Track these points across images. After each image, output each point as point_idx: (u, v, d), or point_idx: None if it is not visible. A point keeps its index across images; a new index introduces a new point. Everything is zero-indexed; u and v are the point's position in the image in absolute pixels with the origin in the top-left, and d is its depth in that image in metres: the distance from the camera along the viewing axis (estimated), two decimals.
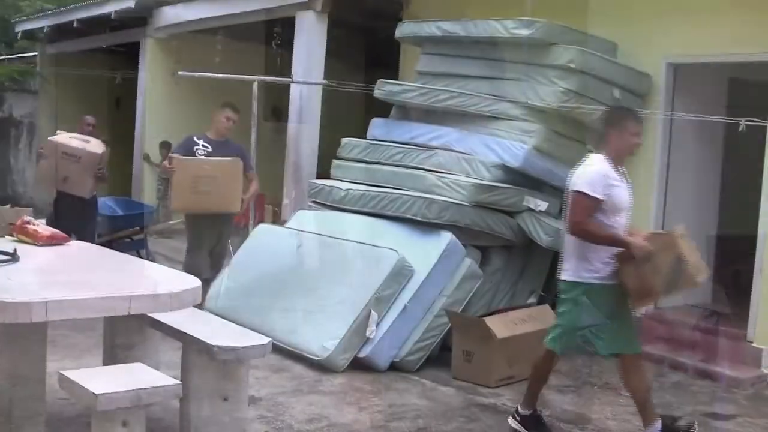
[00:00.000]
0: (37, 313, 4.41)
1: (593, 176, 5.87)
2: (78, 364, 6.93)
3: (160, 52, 16.33)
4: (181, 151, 8.73)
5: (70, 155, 9.56)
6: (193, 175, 8.47)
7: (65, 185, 9.68)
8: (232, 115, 8.95)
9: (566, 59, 8.65)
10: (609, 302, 5.92)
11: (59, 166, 9.58)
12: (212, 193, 8.48)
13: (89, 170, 9.67)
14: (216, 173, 8.54)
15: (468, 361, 7.53)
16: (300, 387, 7.13)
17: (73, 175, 9.62)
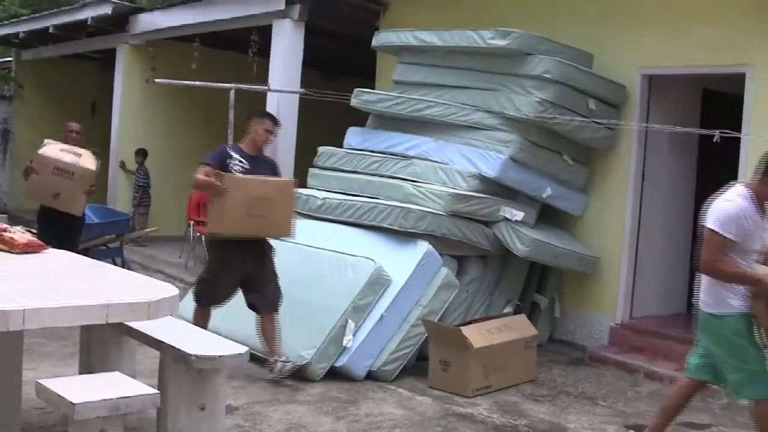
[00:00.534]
0: (14, 321, 4.37)
1: (728, 214, 5.41)
2: (54, 372, 6.91)
3: (136, 59, 16.28)
4: (215, 164, 7.57)
5: (62, 171, 9.17)
6: (249, 197, 7.38)
7: (56, 202, 9.28)
8: (272, 128, 7.87)
9: (542, 69, 8.70)
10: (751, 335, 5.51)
11: (51, 182, 9.16)
12: (267, 216, 7.49)
13: (82, 187, 9.30)
14: (274, 195, 7.57)
15: (445, 370, 7.54)
16: (277, 396, 7.12)
17: (65, 192, 9.22)
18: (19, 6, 32.53)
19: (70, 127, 10.05)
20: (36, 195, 9.55)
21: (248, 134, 7.84)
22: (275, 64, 12.12)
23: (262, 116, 8.02)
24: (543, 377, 8.14)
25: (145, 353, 6.41)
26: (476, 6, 10.63)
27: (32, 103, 20.43)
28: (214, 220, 7.62)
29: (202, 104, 16.03)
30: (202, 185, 7.60)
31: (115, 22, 15.85)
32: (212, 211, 7.65)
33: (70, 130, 9.98)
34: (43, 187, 9.25)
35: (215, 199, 7.47)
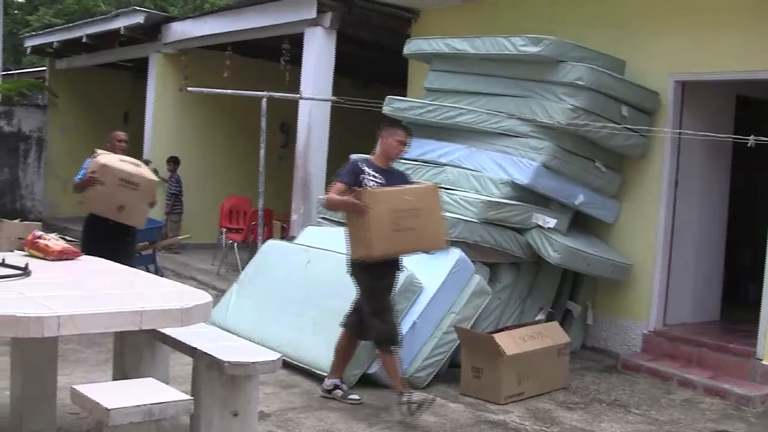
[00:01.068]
0: (49, 327, 4.41)
1: None
2: (88, 378, 6.97)
3: (168, 68, 16.37)
4: (348, 181, 6.94)
5: (127, 182, 8.80)
6: (392, 210, 6.73)
7: (120, 215, 8.90)
8: (405, 138, 7.21)
9: (574, 76, 8.67)
10: None
11: (116, 194, 8.77)
12: (418, 228, 6.82)
13: (146, 198, 9.02)
14: (419, 204, 6.88)
15: (477, 377, 7.53)
16: (310, 403, 7.13)
17: (129, 204, 8.86)
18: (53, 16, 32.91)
19: (117, 136, 9.60)
20: (98, 207, 8.98)
21: (378, 147, 7.25)
22: (307, 72, 12.15)
23: (393, 127, 7.35)
24: (576, 384, 8.11)
25: (179, 360, 6.43)
26: (508, 13, 10.61)
27: (65, 112, 20.59)
28: (359, 243, 6.81)
29: (234, 112, 16.13)
30: (338, 204, 6.97)
31: (147, 31, 15.97)
32: (354, 234, 6.89)
33: (118, 139, 9.56)
34: (108, 199, 8.83)
35: (355, 220, 6.79)
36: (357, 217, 6.73)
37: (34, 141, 20.73)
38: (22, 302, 4.71)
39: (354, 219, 6.83)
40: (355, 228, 6.85)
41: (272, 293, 8.85)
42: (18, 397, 5.53)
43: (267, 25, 13.07)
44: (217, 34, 14.35)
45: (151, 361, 6.08)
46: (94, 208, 9.02)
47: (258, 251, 9.85)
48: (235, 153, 16.67)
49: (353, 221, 6.86)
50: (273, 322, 8.47)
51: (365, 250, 6.73)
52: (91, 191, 8.80)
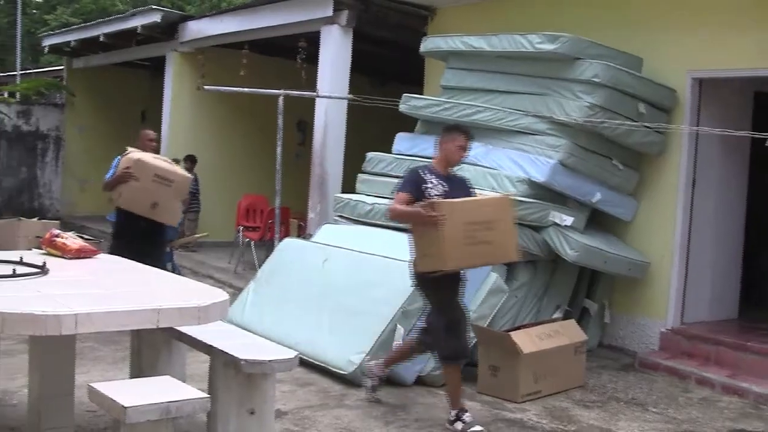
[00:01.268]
0: (66, 325, 4.43)
1: None
2: (106, 376, 7.00)
3: (185, 66, 16.42)
4: (411, 190, 6.62)
5: (162, 178, 8.72)
6: (467, 222, 6.42)
7: (154, 212, 8.83)
8: (465, 143, 6.85)
9: (591, 74, 8.65)
10: None
11: (150, 190, 8.70)
12: (492, 241, 6.55)
13: (180, 195, 9.01)
14: (494, 215, 6.60)
15: (494, 375, 7.52)
16: (326, 401, 7.13)
17: (163, 201, 8.79)
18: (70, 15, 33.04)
19: (147, 135, 9.46)
20: (132, 204, 8.83)
21: (438, 152, 6.93)
22: (323, 71, 12.16)
23: (453, 131, 6.95)
24: (593, 383, 8.09)
25: (195, 358, 6.45)
26: (524, 10, 10.59)
27: (83, 111, 20.68)
28: (428, 256, 6.47)
29: (250, 111, 16.16)
30: (408, 216, 6.56)
31: (164, 30, 16.03)
32: (422, 246, 6.54)
33: (148, 138, 9.43)
34: (142, 196, 8.72)
35: (425, 232, 6.43)
36: (428, 229, 6.37)
37: (51, 140, 20.82)
38: (40, 300, 4.73)
39: (423, 230, 6.48)
40: (424, 240, 6.50)
41: (289, 291, 8.86)
42: (36, 395, 5.55)
43: (283, 24, 13.09)
44: (234, 32, 14.39)
45: (168, 359, 6.10)
46: (127, 205, 8.86)
47: (275, 249, 9.86)
48: (252, 151, 16.70)
49: (422, 233, 6.50)
50: (290, 320, 8.48)
51: (437, 263, 6.41)
52: (125, 187, 8.69)
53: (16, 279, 5.33)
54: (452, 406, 6.62)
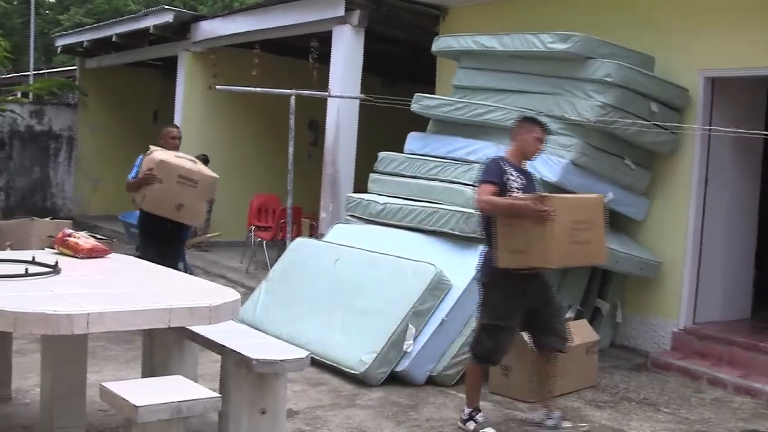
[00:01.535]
0: (78, 325, 4.45)
1: None
2: (118, 375, 7.01)
3: (197, 66, 16.44)
4: (497, 181, 6.28)
5: (186, 179, 8.47)
6: (570, 221, 6.16)
7: (179, 213, 8.59)
8: (542, 135, 6.61)
9: (603, 73, 8.63)
10: None
11: (175, 191, 8.45)
12: (590, 241, 6.30)
13: (205, 196, 8.75)
14: (591, 216, 6.35)
15: (505, 375, 7.51)
16: (337, 401, 7.14)
17: (188, 202, 8.54)
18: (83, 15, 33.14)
19: (170, 132, 9.15)
20: (156, 206, 8.60)
21: (513, 144, 6.66)
22: (335, 70, 12.17)
23: (530, 122, 6.70)
24: (605, 383, 8.08)
25: (207, 357, 6.46)
26: (536, 10, 10.58)
27: (95, 111, 20.72)
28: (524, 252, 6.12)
29: (262, 110, 16.17)
30: (511, 209, 6.14)
31: (176, 29, 16.05)
32: (516, 241, 6.14)
33: (171, 136, 9.10)
34: (167, 198, 8.49)
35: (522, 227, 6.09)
36: (527, 224, 6.04)
37: (64, 139, 20.88)
38: (52, 300, 4.74)
39: (517, 225, 6.11)
40: (519, 235, 6.12)
41: (301, 291, 8.87)
42: (48, 394, 5.56)
43: (295, 24, 13.10)
44: (246, 32, 14.41)
45: (180, 359, 6.12)
46: (151, 207, 8.63)
47: (287, 249, 9.87)
48: (263, 151, 16.72)
49: (516, 227, 6.12)
50: (301, 319, 8.49)
51: (533, 261, 6.15)
52: (149, 190, 8.46)
53: (29, 278, 5.35)
54: (468, 404, 6.58)
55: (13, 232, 12.43)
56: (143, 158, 8.65)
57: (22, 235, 12.36)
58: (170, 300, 5.01)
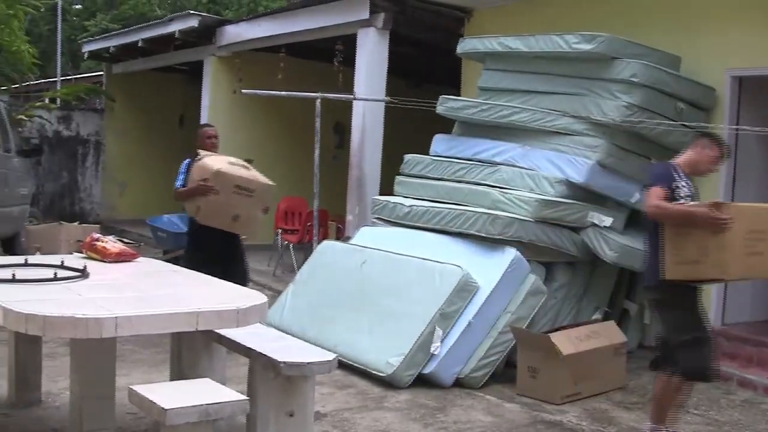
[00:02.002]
0: (107, 328, 4.48)
1: None
2: (146, 378, 7.03)
3: (223, 70, 16.50)
4: (667, 187, 5.98)
5: (243, 189, 8.07)
6: (748, 230, 5.82)
7: (235, 225, 8.22)
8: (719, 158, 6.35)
9: (629, 73, 8.60)
10: None
11: (232, 202, 8.05)
12: (764, 252, 5.89)
13: (261, 205, 8.32)
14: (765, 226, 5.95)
15: (533, 377, 7.49)
16: (365, 403, 7.14)
17: (244, 213, 8.15)
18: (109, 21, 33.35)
19: (206, 132, 8.75)
20: (211, 219, 8.15)
21: (688, 154, 6.36)
22: (360, 73, 12.18)
23: (713, 141, 6.35)
24: (633, 384, 8.04)
25: (235, 360, 6.48)
26: (561, 11, 10.56)
27: (122, 116, 20.85)
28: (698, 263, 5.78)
29: (287, 114, 16.21)
30: (685, 216, 5.83)
31: (201, 34, 16.13)
32: (689, 251, 5.82)
33: (208, 135, 8.70)
34: (223, 209, 8.07)
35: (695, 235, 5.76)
36: (702, 233, 5.76)
37: (91, 144, 21.00)
38: (81, 303, 4.79)
39: (690, 234, 5.83)
40: (691, 245, 5.82)
41: (328, 294, 8.88)
42: (78, 397, 5.59)
43: (320, 27, 13.14)
44: (271, 36, 14.46)
45: (208, 362, 6.13)
46: (206, 220, 8.16)
47: (314, 252, 9.89)
48: (289, 154, 16.74)
49: (688, 236, 5.83)
50: (329, 322, 8.50)
51: (710, 272, 5.85)
52: (204, 201, 8.02)
53: (58, 282, 5.39)
54: (654, 419, 6.32)
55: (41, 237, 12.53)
56: (190, 163, 8.33)
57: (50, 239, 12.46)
58: (198, 303, 5.03)
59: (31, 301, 4.74)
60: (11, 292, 5.01)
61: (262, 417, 5.42)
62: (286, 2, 25.31)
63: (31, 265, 6.06)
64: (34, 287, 5.24)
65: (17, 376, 6.63)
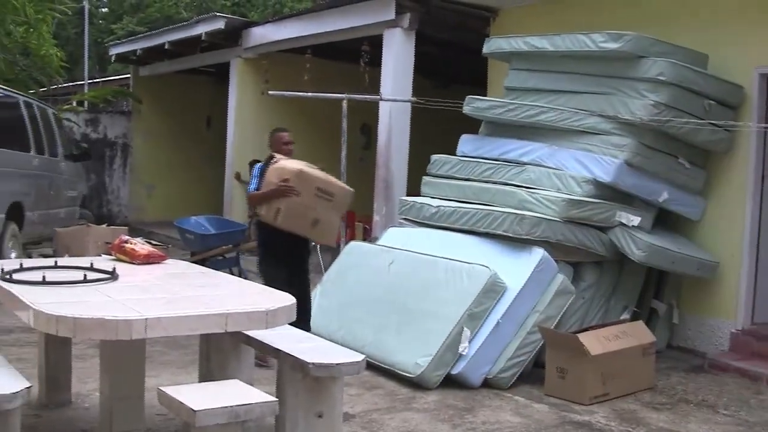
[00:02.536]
0: (137, 330, 4.50)
1: None
2: (174, 380, 7.07)
3: (249, 72, 16.57)
4: None
5: (324, 192, 7.73)
6: None
7: (314, 231, 7.86)
8: None
9: (656, 72, 8.56)
10: None
11: (311, 206, 7.70)
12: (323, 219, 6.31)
13: (339, 211, 8.05)
14: None
15: (561, 377, 7.47)
16: (393, 404, 7.13)
17: (324, 218, 7.77)
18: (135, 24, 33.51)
19: (282, 137, 8.33)
20: (292, 223, 7.75)
21: None
22: (386, 73, 12.20)
23: None
24: (662, 385, 8.00)
25: None
26: (587, 9, 10.52)
27: (149, 118, 20.96)
28: None
29: (314, 115, 16.23)
30: None
31: (228, 36, 16.20)
32: None
33: (284, 141, 8.29)
34: (304, 212, 7.70)
35: None
36: None
37: (119, 147, 21.14)
38: (111, 305, 4.81)
39: None
40: None
41: (355, 294, 8.89)
42: (107, 398, 5.62)
43: (346, 28, 13.17)
44: (297, 37, 14.51)
45: (236, 363, 6.14)
46: (286, 224, 7.74)
47: (341, 253, 9.90)
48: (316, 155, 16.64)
49: None
50: (356, 323, 8.51)
51: None
52: (285, 204, 7.63)
53: (87, 284, 5.42)
54: None
55: (70, 239, 12.60)
56: (264, 167, 8.02)
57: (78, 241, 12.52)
58: (227, 305, 5.04)
59: (62, 303, 4.78)
60: (42, 293, 5.05)
61: (290, 418, 5.43)
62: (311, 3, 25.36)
63: (61, 267, 6.10)
64: (64, 289, 5.28)
65: (47, 378, 6.67)
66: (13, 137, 12.29)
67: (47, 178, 13.48)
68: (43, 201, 13.27)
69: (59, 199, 14.25)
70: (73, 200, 15.28)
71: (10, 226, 11.84)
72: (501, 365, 7.68)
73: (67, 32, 33.53)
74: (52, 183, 13.72)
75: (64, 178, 14.53)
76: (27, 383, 4.66)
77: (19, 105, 12.79)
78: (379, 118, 12.29)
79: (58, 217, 13.98)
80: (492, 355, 7.69)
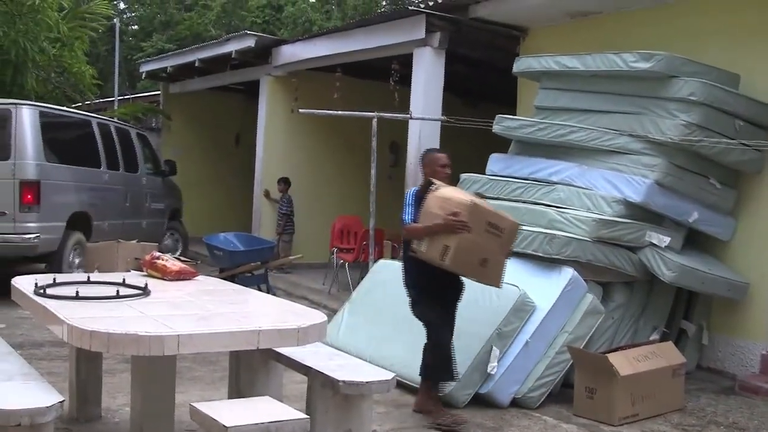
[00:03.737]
0: (169, 346, 4.52)
1: None
2: (203, 396, 7.09)
3: (279, 90, 16.64)
4: None
5: (494, 227, 6.80)
6: None
7: (481, 271, 6.91)
8: None
9: (687, 92, 8.55)
10: None
11: (480, 244, 6.76)
12: None
13: (507, 248, 7.06)
14: None
15: (590, 398, 7.44)
16: (422, 422, 7.12)
17: (492, 258, 6.85)
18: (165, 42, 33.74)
19: (439, 159, 7.27)
20: (460, 263, 6.80)
21: None
22: (416, 92, 12.22)
23: None
24: (691, 406, 7.95)
25: (290, 378, 6.51)
26: (617, 29, 10.52)
27: (179, 135, 21.07)
28: None
29: (343, 133, 16.29)
30: None
31: (258, 54, 16.29)
32: None
33: (441, 164, 7.23)
34: (474, 250, 6.76)
35: None
36: None
37: None
38: (143, 321, 4.84)
39: None
40: None
41: (384, 312, 8.89)
42: (138, 413, 5.64)
43: (376, 47, 13.20)
44: (327, 56, 14.56)
45: (266, 380, 6.16)
46: (455, 265, 6.79)
47: (370, 271, 9.91)
48: (345, 173, 16.83)
49: None
50: (385, 341, 8.50)
51: None
52: (456, 242, 6.62)
53: (120, 300, 5.46)
54: None
55: (100, 255, 12.67)
56: (419, 193, 7.06)
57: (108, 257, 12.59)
58: (259, 321, 5.07)
59: (95, 318, 4.82)
60: (75, 308, 5.09)
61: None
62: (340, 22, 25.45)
63: (94, 283, 6.14)
64: (97, 304, 5.32)
65: (78, 392, 6.70)
66: (82, 155, 13.23)
67: (120, 191, 14.42)
68: (115, 212, 14.14)
69: (139, 211, 15.24)
70: (159, 213, 16.39)
71: (75, 235, 12.60)
72: (530, 385, 7.66)
73: (97, 49, 33.80)
74: (128, 196, 14.68)
75: (146, 191, 15.63)
76: (60, 397, 4.69)
77: (90, 125, 13.75)
78: (409, 137, 12.31)
79: (139, 228, 14.96)
80: (521, 375, 7.67)
